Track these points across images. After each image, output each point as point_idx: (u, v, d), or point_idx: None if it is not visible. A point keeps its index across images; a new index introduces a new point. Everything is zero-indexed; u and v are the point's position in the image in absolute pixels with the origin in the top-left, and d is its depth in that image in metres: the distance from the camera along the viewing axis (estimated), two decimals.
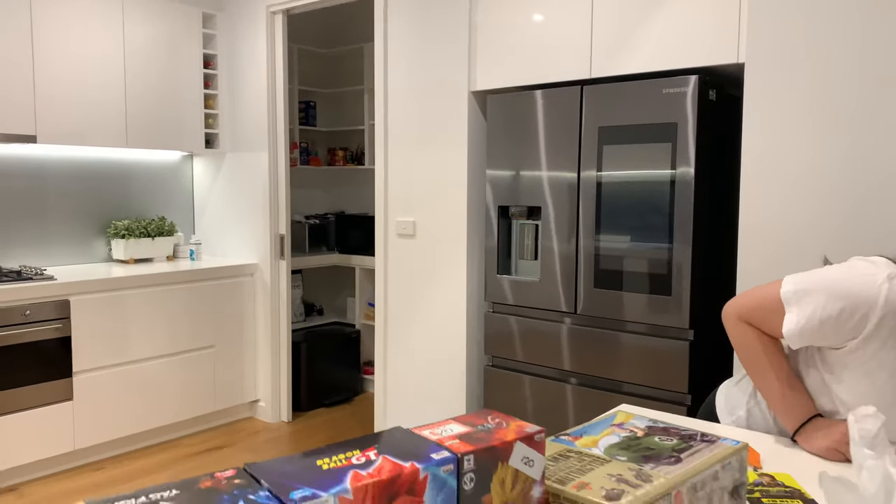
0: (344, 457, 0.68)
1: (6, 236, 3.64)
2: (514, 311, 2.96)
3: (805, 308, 1.22)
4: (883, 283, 1.17)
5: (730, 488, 0.96)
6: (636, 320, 2.61)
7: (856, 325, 1.18)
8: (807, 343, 1.26)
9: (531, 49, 2.89)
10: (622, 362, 2.66)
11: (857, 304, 1.17)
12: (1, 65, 3.28)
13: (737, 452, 0.97)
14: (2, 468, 3.12)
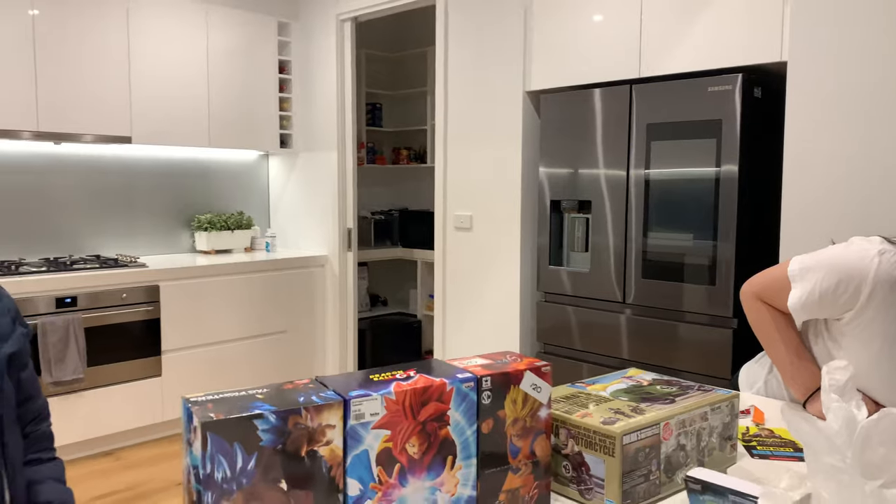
0: (390, 374, 0.89)
1: (104, 228, 4.04)
2: (566, 300, 3.12)
3: (807, 284, 1.36)
4: (874, 257, 1.30)
5: (719, 429, 1.12)
6: (682, 309, 2.74)
7: (850, 297, 1.31)
8: (809, 315, 1.39)
9: (583, 50, 3.05)
10: (668, 348, 2.79)
11: (851, 276, 1.30)
12: (103, 73, 3.65)
13: (727, 399, 1.13)
14: (101, 434, 3.48)
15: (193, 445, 0.74)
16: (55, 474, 1.28)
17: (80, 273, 3.40)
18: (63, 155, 3.85)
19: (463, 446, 0.88)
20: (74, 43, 3.55)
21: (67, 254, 3.87)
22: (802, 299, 1.37)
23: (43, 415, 1.32)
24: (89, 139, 3.66)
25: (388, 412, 0.82)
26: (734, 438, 1.16)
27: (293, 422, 0.76)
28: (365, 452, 0.81)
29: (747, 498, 0.69)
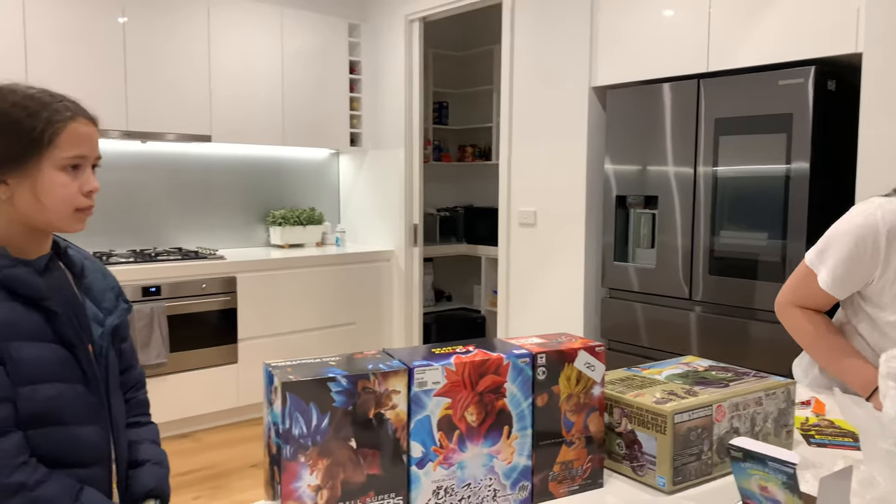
0: (451, 348, 0.95)
1: (186, 222, 4.27)
2: (631, 296, 3.12)
3: (829, 261, 1.40)
4: (875, 210, 1.36)
5: (774, 414, 1.14)
6: (752, 307, 2.70)
7: (872, 253, 1.35)
8: (847, 289, 1.43)
9: (650, 45, 3.04)
10: (737, 346, 2.76)
11: (864, 234, 1.35)
12: (185, 75, 3.86)
13: (783, 386, 1.15)
14: (179, 417, 3.69)
15: (274, 404, 0.83)
16: (151, 436, 1.41)
17: (163, 264, 3.61)
18: (148, 153, 4.09)
19: (519, 418, 0.94)
20: (160, 48, 3.77)
21: (152, 246, 4.11)
22: (832, 275, 1.41)
23: (141, 382, 1.44)
24: (172, 138, 3.88)
25: (448, 382, 0.89)
26: (790, 426, 1.17)
27: (362, 386, 0.84)
28: (427, 418, 0.88)
29: (786, 464, 0.72)
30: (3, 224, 1.17)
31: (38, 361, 1.11)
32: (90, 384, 1.19)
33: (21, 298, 1.12)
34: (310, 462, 0.81)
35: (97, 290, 1.29)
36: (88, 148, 1.17)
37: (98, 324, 1.25)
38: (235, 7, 4.02)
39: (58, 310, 1.14)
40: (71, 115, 1.16)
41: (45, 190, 1.14)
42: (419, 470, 0.88)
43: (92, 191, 1.18)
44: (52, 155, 1.13)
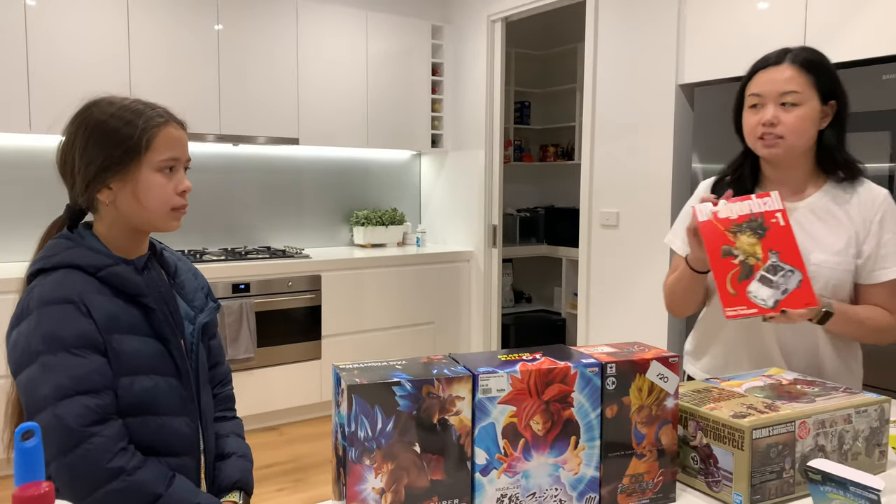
0: (517, 355, 0.95)
1: (274, 222, 4.42)
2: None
3: (674, 229, 1.71)
4: (701, 184, 1.71)
5: (866, 433, 1.07)
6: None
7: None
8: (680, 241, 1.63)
9: (741, 40, 2.92)
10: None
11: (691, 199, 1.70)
12: (274, 80, 4.00)
13: (876, 403, 1.08)
14: (266, 410, 3.83)
15: (341, 406, 0.85)
16: (237, 430, 1.47)
17: (252, 262, 3.76)
18: (240, 155, 4.26)
19: (586, 428, 0.92)
20: (251, 54, 3.92)
21: (242, 245, 4.28)
22: (670, 233, 1.69)
23: (228, 378, 1.51)
24: (262, 141, 4.02)
25: (513, 389, 0.88)
26: (884, 445, 1.10)
27: (426, 390, 0.84)
28: (491, 425, 0.87)
29: (869, 490, 0.68)
30: (108, 226, 1.26)
31: (138, 354, 1.19)
32: (182, 378, 1.26)
33: (123, 295, 1.20)
34: (374, 465, 0.83)
35: (189, 289, 1.37)
36: (180, 150, 1.26)
37: (189, 321, 1.33)
38: (322, 11, 4.14)
39: (154, 306, 1.22)
40: (164, 120, 1.25)
41: (145, 191, 1.22)
42: (483, 477, 0.88)
43: (185, 190, 1.27)
44: (149, 158, 1.22)
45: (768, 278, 1.32)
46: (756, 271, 1.32)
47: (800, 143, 1.47)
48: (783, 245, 1.33)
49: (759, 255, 1.32)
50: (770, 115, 1.44)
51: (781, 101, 1.45)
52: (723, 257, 1.34)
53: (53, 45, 3.37)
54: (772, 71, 1.48)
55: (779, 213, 1.35)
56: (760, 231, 1.34)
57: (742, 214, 1.35)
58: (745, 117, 1.53)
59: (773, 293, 1.31)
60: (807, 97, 1.45)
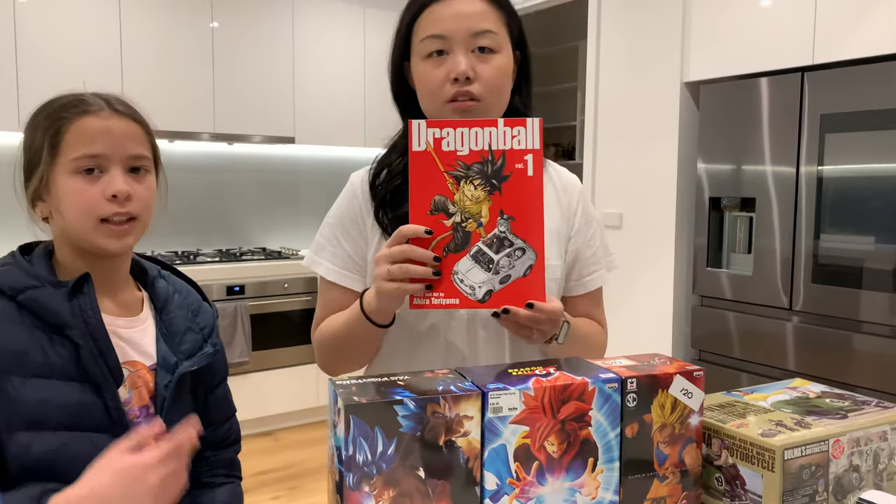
0: (529, 369, 0.87)
1: (270, 222, 4.34)
2: (725, 305, 2.93)
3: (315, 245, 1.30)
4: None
5: None
6: (859, 318, 2.48)
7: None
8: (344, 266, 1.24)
9: (748, 37, 2.85)
10: (841, 360, 2.54)
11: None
12: (270, 78, 3.93)
13: None
14: (261, 415, 3.75)
15: (337, 427, 0.77)
16: (226, 499, 1.16)
17: (248, 264, 3.68)
18: (235, 154, 4.18)
19: (605, 449, 0.85)
20: (246, 51, 3.84)
21: (237, 245, 4.20)
22: (317, 248, 1.25)
23: (230, 441, 1.22)
24: (258, 140, 3.95)
25: (526, 408, 0.80)
26: None
27: (431, 410, 0.77)
28: (503, 447, 0.80)
29: None
30: (57, 246, 1.04)
31: (44, 404, 0.93)
32: (118, 436, 0.92)
33: (45, 325, 0.95)
34: (374, 492, 0.75)
35: (178, 328, 1.10)
36: (105, 144, 0.98)
37: (166, 370, 1.05)
38: (319, 7, 4.06)
39: (80, 341, 0.95)
40: (81, 110, 0.98)
41: (61, 201, 0.98)
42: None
43: (116, 194, 0.97)
44: (60, 159, 0.98)
45: (487, 255, 0.95)
46: (473, 243, 0.96)
47: (498, 107, 1.13)
48: (522, 207, 0.95)
49: (482, 219, 0.95)
50: (464, 66, 1.06)
51: (474, 44, 1.08)
52: (431, 214, 0.96)
53: (44, 42, 3.29)
54: (453, 2, 1.08)
55: (529, 156, 0.95)
56: (495, 181, 0.95)
57: (476, 150, 0.95)
58: (421, 71, 1.11)
59: (489, 279, 0.96)
60: (503, 41, 1.11)
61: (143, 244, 4.33)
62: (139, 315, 1.08)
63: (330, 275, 1.19)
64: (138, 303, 1.10)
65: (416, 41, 1.12)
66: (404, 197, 1.12)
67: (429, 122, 0.95)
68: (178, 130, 3.66)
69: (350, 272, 1.19)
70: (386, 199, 1.16)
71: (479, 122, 0.96)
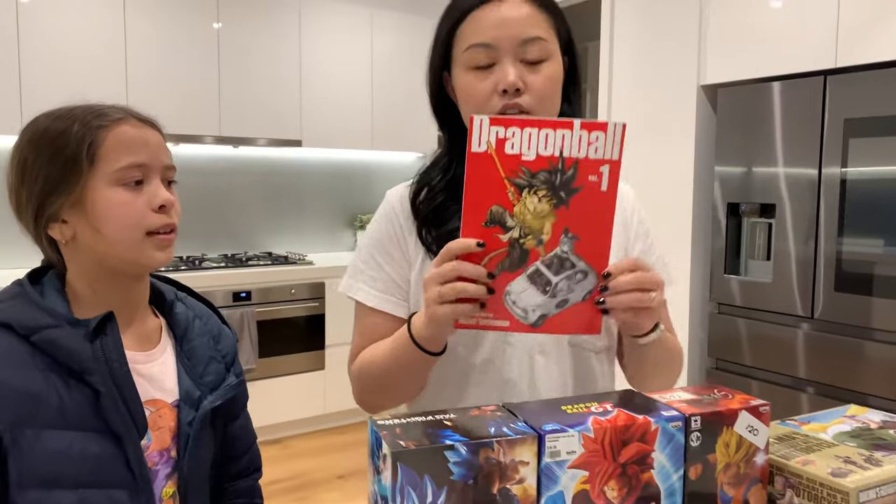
0: (584, 405, 0.80)
1: (276, 226, 4.27)
2: (743, 312, 2.87)
3: (352, 270, 1.19)
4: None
5: None
6: (887, 328, 2.41)
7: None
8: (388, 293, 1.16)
9: (767, 39, 2.78)
10: (867, 372, 2.47)
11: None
12: (276, 80, 3.86)
13: None
14: (268, 423, 3.68)
15: (383, 474, 0.70)
16: None
17: (254, 269, 3.61)
18: (240, 157, 4.12)
19: (668, 493, 0.78)
20: (252, 53, 3.77)
21: (243, 250, 4.13)
22: (353, 272, 1.14)
23: (247, 471, 1.16)
24: (263, 143, 3.88)
25: (585, 451, 0.74)
26: None
27: (484, 455, 0.70)
28: (560, 494, 0.73)
29: None
30: (75, 273, 0.94)
31: (61, 458, 0.85)
32: (140, 489, 0.90)
33: (62, 368, 0.87)
34: None
35: (200, 358, 1.02)
36: (147, 154, 0.92)
37: (190, 405, 0.98)
38: (326, 8, 3.99)
39: (102, 388, 0.87)
40: (114, 119, 0.92)
41: (103, 215, 0.89)
42: None
43: (164, 205, 0.93)
44: (100, 170, 0.90)
45: (545, 276, 0.85)
46: (530, 262, 0.85)
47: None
48: (590, 226, 0.84)
49: (544, 236, 0.84)
50: (513, 77, 0.97)
51: (523, 53, 0.99)
52: (486, 226, 0.83)
53: (46, 44, 3.22)
54: (499, 7, 0.99)
55: (606, 167, 0.83)
56: (563, 193, 0.83)
57: (545, 155, 0.82)
58: (465, 83, 1.01)
59: (544, 303, 0.86)
60: (553, 47, 1.02)
61: None
62: (158, 346, 1.00)
63: (370, 300, 1.10)
64: (157, 331, 1.02)
65: (458, 50, 1.02)
66: (449, 214, 1.07)
67: (493, 119, 0.81)
68: (183, 133, 3.60)
69: (393, 296, 1.10)
70: (429, 217, 1.08)
71: (552, 123, 0.81)
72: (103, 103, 0.96)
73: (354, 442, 3.70)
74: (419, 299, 1.06)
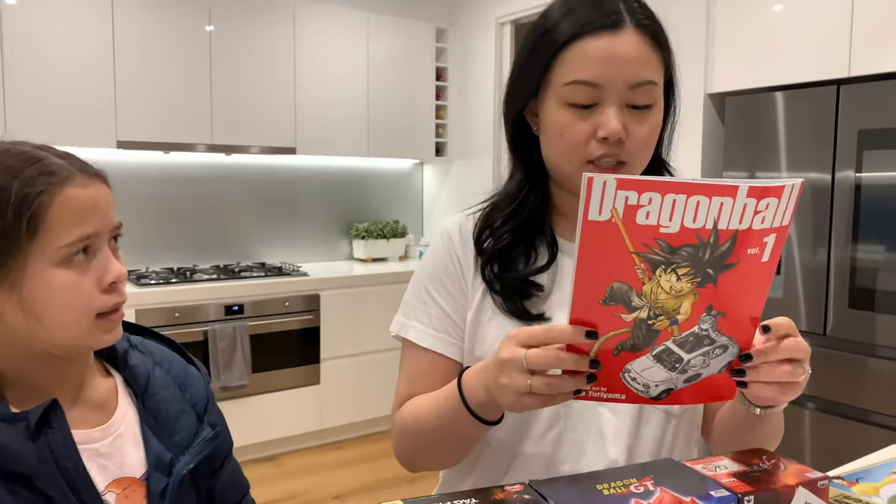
0: (622, 484, 0.71)
1: (269, 236, 4.16)
2: None
3: (407, 310, 1.07)
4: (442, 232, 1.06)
5: None
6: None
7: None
8: (444, 332, 1.03)
9: (777, 47, 2.70)
10: (878, 391, 2.39)
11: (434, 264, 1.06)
12: (270, 86, 3.75)
13: None
14: (262, 440, 3.57)
15: None
16: None
17: (246, 281, 3.50)
18: (233, 165, 4.01)
19: None
20: (245, 58, 3.66)
21: (235, 261, 4.02)
22: (408, 309, 1.03)
23: None
24: (257, 150, 3.77)
25: None
26: None
27: None
28: None
29: None
30: (2, 353, 0.78)
31: None
32: None
33: (9, 474, 0.73)
34: None
35: (167, 414, 0.88)
36: (97, 220, 0.77)
37: (161, 472, 0.84)
38: (321, 12, 3.89)
39: (53, 493, 0.73)
40: (63, 176, 0.75)
41: (42, 299, 0.74)
42: None
43: (116, 281, 0.78)
44: (41, 245, 0.74)
45: (675, 354, 0.71)
46: (659, 342, 0.70)
47: (642, 166, 0.93)
48: (740, 301, 0.70)
49: (680, 316, 0.69)
50: (618, 126, 0.85)
51: (630, 98, 0.87)
52: (604, 304, 0.68)
53: (32, 47, 3.10)
54: (611, 39, 0.85)
55: (772, 237, 0.67)
56: (711, 270, 0.67)
57: (692, 228, 0.65)
58: (559, 120, 0.88)
59: (671, 378, 0.73)
60: (660, 92, 0.91)
61: (136, 261, 4.11)
62: (115, 414, 0.85)
63: (423, 339, 0.98)
64: (111, 394, 0.87)
65: (556, 80, 0.88)
66: (516, 255, 0.96)
67: (622, 182, 0.63)
68: (174, 142, 3.49)
69: (448, 336, 0.98)
70: (495, 255, 0.97)
71: (706, 189, 0.63)
72: (39, 148, 0.78)
73: (351, 459, 3.60)
74: (474, 343, 0.97)
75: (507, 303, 0.95)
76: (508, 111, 0.98)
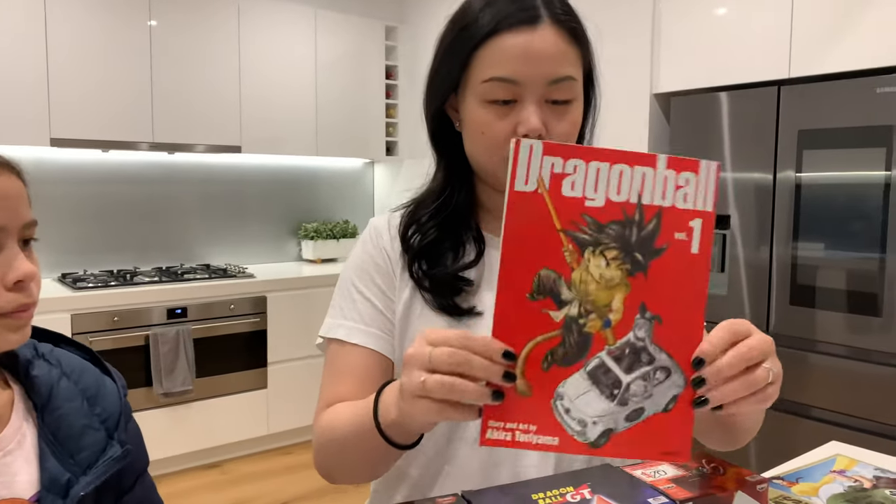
0: (558, 493, 0.68)
1: (214, 236, 4.05)
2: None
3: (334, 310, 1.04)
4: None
5: None
6: (838, 342, 2.39)
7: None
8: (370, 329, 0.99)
9: (721, 48, 2.73)
10: (818, 387, 2.44)
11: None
12: (214, 83, 3.65)
13: None
14: (207, 446, 3.47)
15: None
16: None
17: (190, 284, 3.40)
18: (176, 164, 3.89)
19: None
20: (188, 53, 3.56)
21: (179, 262, 3.90)
22: (337, 312, 0.98)
23: None
24: (201, 149, 3.67)
25: None
26: None
27: None
28: None
29: None
30: None
31: None
32: None
33: None
34: None
35: (71, 430, 0.81)
36: (4, 213, 0.73)
37: (56, 494, 0.76)
38: (267, 7, 3.80)
39: None
40: None
41: None
42: None
43: (21, 279, 0.73)
44: None
45: (612, 374, 0.64)
46: (593, 352, 0.64)
47: None
48: (676, 302, 0.65)
49: (612, 315, 0.64)
50: (537, 123, 0.84)
51: (549, 94, 0.85)
52: (532, 298, 0.63)
53: None
54: (529, 35, 0.84)
55: (698, 221, 0.64)
56: (640, 255, 0.64)
57: (618, 200, 0.64)
58: (479, 118, 0.87)
59: (610, 412, 0.64)
60: (579, 87, 0.89)
61: (75, 264, 3.95)
62: (6, 429, 0.78)
63: (353, 336, 0.93)
64: (7, 407, 0.79)
65: (474, 77, 0.87)
66: (443, 250, 0.94)
67: (549, 146, 0.62)
68: (113, 140, 3.36)
69: (379, 331, 0.94)
70: (422, 251, 0.95)
71: (629, 157, 0.63)
72: None
73: (300, 464, 3.53)
74: (404, 340, 0.93)
75: (436, 299, 0.93)
76: (429, 107, 0.97)
